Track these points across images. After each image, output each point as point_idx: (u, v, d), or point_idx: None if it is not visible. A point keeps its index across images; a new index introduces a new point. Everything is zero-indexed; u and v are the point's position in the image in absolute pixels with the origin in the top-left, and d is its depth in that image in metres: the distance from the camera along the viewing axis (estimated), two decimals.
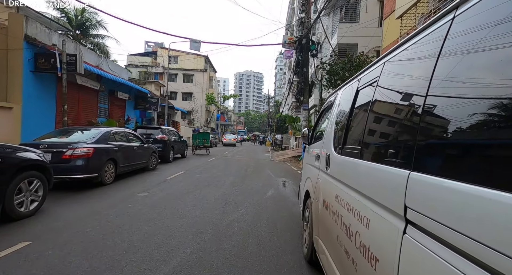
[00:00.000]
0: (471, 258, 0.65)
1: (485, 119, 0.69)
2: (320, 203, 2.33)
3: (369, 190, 1.36)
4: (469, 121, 0.74)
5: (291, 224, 4.10)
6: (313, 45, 11.61)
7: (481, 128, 0.71)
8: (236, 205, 5.04)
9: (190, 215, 4.28)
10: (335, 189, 1.92)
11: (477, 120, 0.72)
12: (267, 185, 7.25)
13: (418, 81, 1.07)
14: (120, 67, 16.47)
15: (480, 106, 0.71)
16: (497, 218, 0.60)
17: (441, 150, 0.88)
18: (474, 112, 0.73)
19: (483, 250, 0.61)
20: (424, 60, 1.08)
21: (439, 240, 0.78)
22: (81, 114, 11.42)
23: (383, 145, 1.37)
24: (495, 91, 0.69)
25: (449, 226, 0.73)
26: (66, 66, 8.51)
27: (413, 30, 7.73)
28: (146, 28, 10.27)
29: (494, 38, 0.71)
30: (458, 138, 0.80)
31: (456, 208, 0.73)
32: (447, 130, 0.85)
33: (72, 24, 20.58)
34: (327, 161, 2.25)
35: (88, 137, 6.13)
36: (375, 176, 1.31)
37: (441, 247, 0.76)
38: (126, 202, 4.88)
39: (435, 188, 0.81)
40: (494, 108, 0.67)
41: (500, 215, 0.59)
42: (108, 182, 6.28)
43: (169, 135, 12.22)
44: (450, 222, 0.73)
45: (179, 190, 6.06)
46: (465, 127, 0.76)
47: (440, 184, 0.80)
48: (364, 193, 1.39)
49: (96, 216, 3.96)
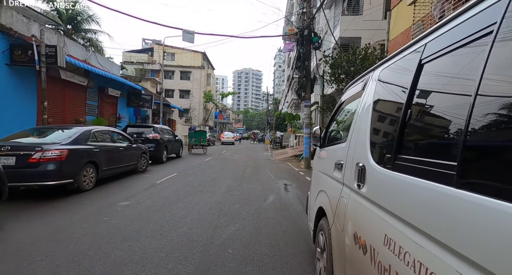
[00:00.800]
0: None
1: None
2: (348, 236, 1.60)
3: (472, 248, 0.65)
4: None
5: (297, 242, 3.37)
6: (315, 37, 10.84)
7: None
8: (231, 216, 4.31)
9: (176, 231, 3.54)
10: (381, 225, 1.19)
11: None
12: (267, 190, 6.53)
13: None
14: (111, 62, 15.64)
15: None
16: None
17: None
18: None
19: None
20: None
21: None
22: (67, 111, 10.62)
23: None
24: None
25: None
26: (45, 58, 7.71)
27: (428, 16, 6.98)
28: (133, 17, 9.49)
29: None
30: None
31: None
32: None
33: (63, 18, 19.70)
34: (360, 175, 1.51)
35: (63, 137, 5.37)
36: (491, 222, 0.59)
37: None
38: (102, 214, 4.14)
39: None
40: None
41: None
42: (87, 188, 5.54)
43: (163, 134, 11.47)
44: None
45: (167, 197, 5.33)
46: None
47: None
48: (462, 252, 0.68)
49: (57, 236, 3.22)
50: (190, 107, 36.72)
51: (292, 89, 24.05)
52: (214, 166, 10.61)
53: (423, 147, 1.05)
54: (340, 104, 2.56)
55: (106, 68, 13.41)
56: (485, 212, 0.66)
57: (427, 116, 1.08)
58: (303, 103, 11.80)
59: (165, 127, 13.31)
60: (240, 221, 4.08)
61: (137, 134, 10.58)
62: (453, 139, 0.88)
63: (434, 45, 1.08)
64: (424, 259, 0.87)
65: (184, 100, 36.89)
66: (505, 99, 0.68)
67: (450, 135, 0.92)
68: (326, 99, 12.96)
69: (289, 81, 27.72)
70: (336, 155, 2.16)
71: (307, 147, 11.54)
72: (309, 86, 11.21)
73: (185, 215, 4.27)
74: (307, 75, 11.08)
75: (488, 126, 0.73)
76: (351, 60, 10.23)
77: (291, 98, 30.97)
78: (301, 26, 11.11)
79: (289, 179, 8.33)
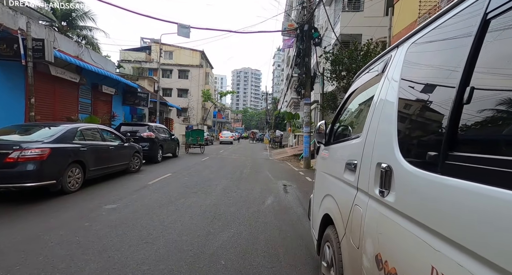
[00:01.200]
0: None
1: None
2: (367, 257, 1.25)
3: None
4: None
5: (298, 251, 3.02)
6: (315, 33, 10.48)
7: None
8: (226, 220, 3.96)
9: (163, 238, 3.18)
10: (424, 251, 0.84)
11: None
12: (265, 191, 6.17)
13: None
14: (106, 59, 15.23)
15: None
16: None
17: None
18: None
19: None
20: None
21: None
22: (58, 109, 10.22)
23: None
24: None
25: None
26: (32, 52, 7.31)
27: (435, 8, 6.64)
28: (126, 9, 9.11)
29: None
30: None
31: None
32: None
33: (57, 14, 19.25)
34: (384, 179, 1.16)
35: (46, 135, 4.99)
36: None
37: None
38: (84, 218, 3.77)
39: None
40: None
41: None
42: (73, 190, 5.17)
43: (158, 132, 11.09)
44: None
45: (158, 200, 4.97)
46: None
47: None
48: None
49: (27, 246, 2.85)
50: (188, 106, 36.29)
51: (291, 88, 23.70)
52: (211, 166, 10.25)
53: (500, 140, 0.69)
54: (350, 95, 2.20)
55: (100, 65, 13.01)
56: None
57: (497, 93, 0.73)
58: (303, 101, 11.45)
59: (160, 125, 12.94)
60: (235, 226, 3.72)
61: (131, 133, 10.19)
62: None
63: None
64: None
65: (182, 99, 36.45)
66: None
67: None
68: (327, 97, 12.61)
69: (288, 80, 27.37)
70: (346, 154, 1.80)
71: (307, 146, 11.19)
72: (309, 83, 10.85)
73: (176, 219, 3.91)
74: (307, 72, 10.73)
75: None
76: (353, 56, 9.89)
77: (290, 97, 30.64)
78: (301, 21, 10.75)
79: (288, 179, 7.98)
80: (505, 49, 0.73)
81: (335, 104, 11.70)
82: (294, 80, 19.41)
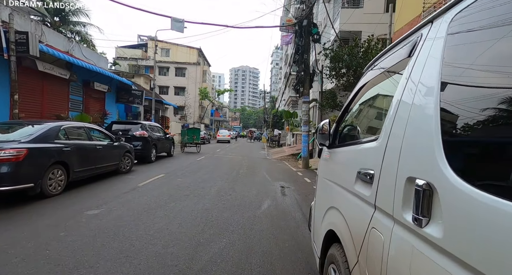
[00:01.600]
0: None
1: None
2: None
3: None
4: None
5: (297, 265, 2.69)
6: (314, 28, 10.13)
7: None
8: (218, 228, 3.62)
9: (146, 251, 2.84)
10: None
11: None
12: (262, 193, 5.84)
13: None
14: (98, 55, 14.77)
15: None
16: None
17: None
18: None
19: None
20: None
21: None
22: (46, 106, 9.79)
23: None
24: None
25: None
26: (15, 46, 6.90)
27: (440, 2, 6.31)
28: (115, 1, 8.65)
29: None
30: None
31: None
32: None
33: (49, 9, 18.71)
34: (421, 201, 0.82)
35: (25, 134, 4.61)
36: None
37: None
38: (61, 227, 3.41)
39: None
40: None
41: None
42: (54, 193, 4.80)
43: (151, 131, 10.71)
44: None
45: (147, 204, 4.61)
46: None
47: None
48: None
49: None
50: (185, 104, 35.82)
51: (289, 86, 23.33)
52: (207, 166, 9.90)
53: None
54: (359, 89, 1.85)
55: (91, 61, 12.57)
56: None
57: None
58: (302, 99, 11.11)
59: (154, 124, 12.55)
60: (228, 235, 3.38)
61: (123, 132, 9.84)
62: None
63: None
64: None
65: (179, 97, 35.98)
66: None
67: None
68: (326, 95, 12.28)
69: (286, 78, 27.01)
70: (359, 160, 1.46)
71: (305, 145, 10.87)
72: (308, 80, 10.51)
73: (163, 227, 3.56)
74: (306, 69, 10.38)
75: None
76: (353, 53, 9.55)
77: (288, 96, 30.32)
78: (300, 16, 10.39)
79: (286, 180, 7.65)
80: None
81: (334, 102, 11.36)
82: (292, 78, 19.06)
